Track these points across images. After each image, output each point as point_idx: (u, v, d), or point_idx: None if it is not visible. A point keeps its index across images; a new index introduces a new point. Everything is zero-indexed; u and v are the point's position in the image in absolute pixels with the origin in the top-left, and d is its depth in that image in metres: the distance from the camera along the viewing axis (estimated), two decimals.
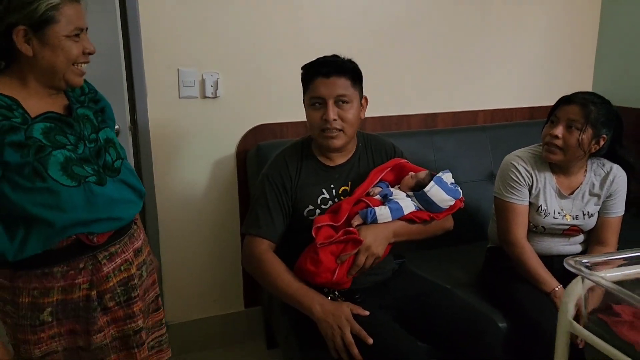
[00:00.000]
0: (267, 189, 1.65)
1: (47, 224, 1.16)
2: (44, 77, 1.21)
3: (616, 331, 0.99)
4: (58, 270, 1.21)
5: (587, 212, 1.86)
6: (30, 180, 1.14)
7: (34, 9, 1.13)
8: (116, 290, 1.29)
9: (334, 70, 1.59)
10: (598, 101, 1.76)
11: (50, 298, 1.21)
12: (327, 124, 1.58)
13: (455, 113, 2.64)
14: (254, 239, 1.62)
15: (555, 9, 2.71)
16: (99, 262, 1.26)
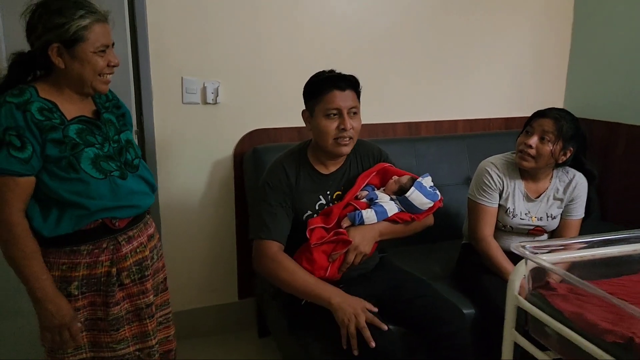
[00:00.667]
0: (270, 195, 1.75)
1: (80, 208, 1.35)
2: (75, 86, 1.38)
3: (552, 302, 1.18)
4: (85, 249, 1.39)
5: (550, 214, 2.05)
6: (66, 171, 1.33)
7: (66, 29, 1.30)
8: (132, 269, 1.47)
9: (347, 84, 1.73)
10: (569, 118, 1.95)
11: (77, 272, 1.39)
12: (343, 133, 1.71)
13: (437, 122, 2.83)
14: (264, 242, 1.71)
15: (530, 28, 2.91)
16: (119, 243, 1.44)
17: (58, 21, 1.30)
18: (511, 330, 1.30)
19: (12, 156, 1.27)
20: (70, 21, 1.31)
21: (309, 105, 1.79)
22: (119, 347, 1.46)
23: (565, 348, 1.16)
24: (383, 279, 1.87)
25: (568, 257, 1.28)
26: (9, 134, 1.27)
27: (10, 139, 1.27)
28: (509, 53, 2.91)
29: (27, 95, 1.31)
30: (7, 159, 1.27)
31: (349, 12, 2.54)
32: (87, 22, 1.33)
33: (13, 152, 1.27)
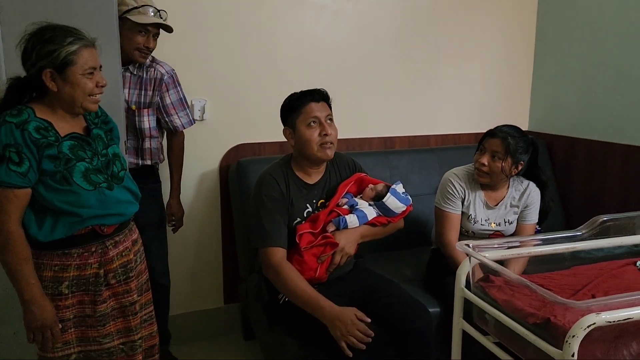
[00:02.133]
0: (267, 203, 1.87)
1: (73, 215, 1.49)
2: (67, 106, 1.51)
3: (489, 293, 1.37)
4: (75, 252, 1.53)
5: (508, 220, 2.23)
6: (60, 183, 1.47)
7: (57, 55, 1.43)
8: (118, 270, 1.61)
9: (320, 97, 1.92)
10: (516, 134, 2.13)
11: (68, 273, 1.52)
12: (325, 138, 1.88)
13: (410, 137, 3.03)
14: (269, 249, 1.84)
15: (495, 50, 3.13)
16: (107, 247, 1.58)
17: (49, 48, 1.43)
18: (459, 319, 1.49)
19: (11, 170, 1.40)
20: (60, 47, 1.43)
21: (289, 122, 1.95)
22: (105, 341, 1.60)
23: (500, 331, 1.35)
24: (357, 280, 2.03)
25: (508, 255, 1.47)
26: (9, 150, 1.40)
27: (9, 155, 1.40)
28: (477, 74, 3.12)
29: (25, 115, 1.44)
30: (6, 173, 1.40)
31: (327, 35, 2.75)
32: (75, 47, 1.45)
33: (12, 166, 1.40)
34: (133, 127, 2.21)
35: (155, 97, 2.21)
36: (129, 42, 2.09)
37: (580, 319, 1.10)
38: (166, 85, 2.23)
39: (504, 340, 1.36)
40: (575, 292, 1.36)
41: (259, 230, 1.88)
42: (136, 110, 2.19)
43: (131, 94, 2.19)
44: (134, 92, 2.19)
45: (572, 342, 1.10)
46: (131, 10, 2.06)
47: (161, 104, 2.24)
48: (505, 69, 3.18)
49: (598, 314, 1.10)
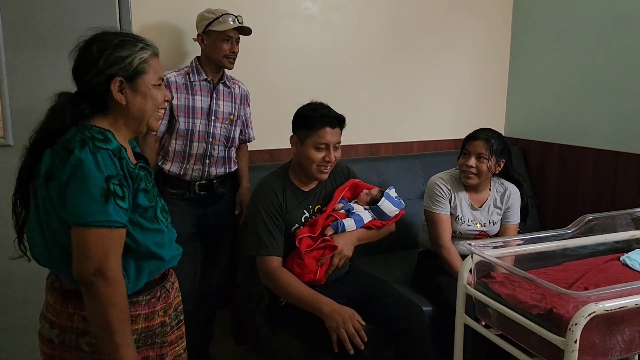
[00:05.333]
0: (265, 215, 1.93)
1: (158, 259, 1.28)
2: (134, 123, 1.28)
3: (492, 287, 1.47)
4: (143, 300, 1.27)
5: (492, 220, 2.35)
6: (150, 221, 1.25)
7: (129, 62, 1.23)
8: (172, 315, 1.38)
9: (337, 123, 1.96)
10: (495, 136, 2.27)
11: (137, 325, 1.26)
12: (326, 163, 1.95)
13: (394, 143, 3.15)
14: (265, 258, 1.91)
15: (473, 61, 3.28)
16: (167, 290, 1.35)
17: (121, 54, 1.23)
18: (461, 314, 1.59)
19: (119, 207, 1.16)
20: (134, 54, 1.25)
21: (299, 134, 1.97)
22: None
23: (503, 323, 1.45)
24: (353, 282, 2.11)
25: (506, 252, 1.58)
26: (113, 183, 1.15)
27: (114, 189, 1.15)
28: (456, 83, 3.27)
29: (114, 141, 1.21)
30: (115, 210, 1.15)
31: (316, 45, 2.85)
32: (147, 54, 1.27)
33: (119, 202, 1.16)
34: (225, 137, 2.35)
35: (242, 110, 2.41)
36: (217, 51, 2.23)
37: (582, 308, 1.21)
38: (248, 101, 2.46)
39: (507, 332, 1.46)
40: (569, 285, 1.48)
41: (255, 239, 1.94)
42: (233, 121, 2.35)
43: (225, 105, 2.32)
44: (227, 104, 2.33)
45: (574, 330, 1.20)
46: (213, 22, 2.19)
47: (244, 117, 2.45)
48: (482, 78, 3.34)
49: (597, 303, 1.21)
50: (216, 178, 2.34)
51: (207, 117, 2.27)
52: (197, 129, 2.25)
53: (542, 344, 1.31)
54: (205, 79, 2.27)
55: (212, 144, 2.29)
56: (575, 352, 1.21)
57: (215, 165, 2.32)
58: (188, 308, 2.25)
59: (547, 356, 1.33)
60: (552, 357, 1.30)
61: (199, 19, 2.24)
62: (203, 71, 2.26)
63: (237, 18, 2.24)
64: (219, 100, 2.30)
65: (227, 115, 2.33)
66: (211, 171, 2.31)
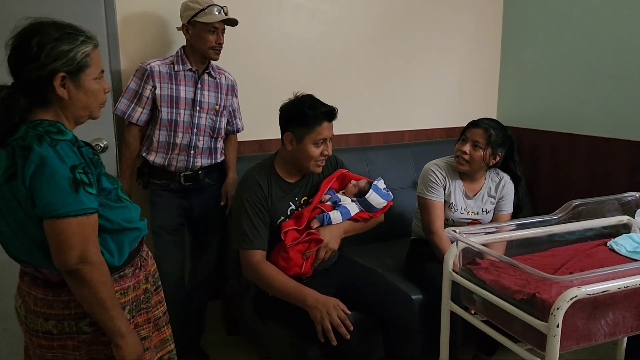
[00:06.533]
0: (248, 208, 1.91)
1: (134, 230, 1.34)
2: (76, 116, 1.29)
3: (477, 274, 1.46)
4: (129, 272, 1.34)
5: (485, 209, 2.34)
6: (115, 201, 1.30)
7: (72, 57, 1.22)
8: (152, 281, 1.45)
9: (333, 117, 1.95)
10: (497, 127, 2.25)
11: (128, 297, 1.33)
12: (324, 157, 1.96)
13: (385, 133, 3.13)
14: (248, 252, 1.90)
15: (465, 49, 3.26)
16: (145, 258, 1.43)
17: (63, 48, 1.21)
18: (447, 301, 1.58)
19: (89, 193, 1.19)
20: (76, 47, 1.23)
21: (296, 132, 1.93)
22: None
23: (487, 309, 1.45)
24: (342, 272, 2.10)
25: (491, 239, 1.57)
26: (78, 172, 1.18)
27: (81, 177, 1.18)
28: (448, 71, 3.25)
29: (69, 132, 1.23)
30: (87, 197, 1.18)
31: (304, 34, 2.82)
32: (89, 48, 1.26)
33: (88, 189, 1.19)
34: (211, 128, 2.34)
35: (228, 101, 2.39)
36: (202, 43, 2.21)
37: (564, 292, 1.20)
38: (235, 92, 2.45)
39: (491, 318, 1.45)
40: (554, 270, 1.47)
41: (239, 232, 1.93)
42: (218, 112, 2.34)
43: (210, 95, 2.31)
44: (212, 94, 2.32)
45: (556, 314, 1.20)
46: (198, 13, 2.17)
47: (231, 108, 2.43)
48: (474, 66, 3.31)
49: (579, 288, 1.20)
50: (202, 169, 2.33)
51: (192, 107, 2.25)
52: (181, 120, 2.23)
53: (526, 330, 1.31)
54: (190, 69, 2.25)
55: (197, 135, 2.27)
56: (557, 337, 1.20)
57: (200, 156, 2.31)
58: (178, 299, 2.29)
59: (531, 341, 1.32)
60: (536, 342, 1.29)
61: (183, 8, 2.21)
62: (188, 61, 2.24)
63: (223, 9, 2.21)
64: (203, 90, 2.28)
65: (213, 105, 2.31)
66: (196, 162, 2.29)
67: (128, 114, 2.22)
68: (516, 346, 1.36)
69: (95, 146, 2.33)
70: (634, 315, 1.37)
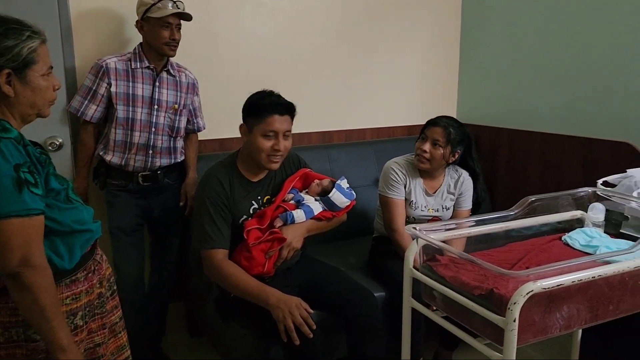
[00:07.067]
0: (210, 207, 1.88)
1: (86, 232, 1.31)
2: (24, 114, 1.25)
3: (436, 270, 1.48)
4: (82, 276, 1.31)
5: (445, 206, 2.38)
6: (65, 202, 1.27)
7: (17, 52, 1.17)
8: (107, 285, 1.42)
9: (286, 110, 1.92)
10: (455, 125, 2.29)
11: (80, 302, 1.30)
12: (276, 152, 1.91)
13: (347, 131, 3.14)
14: (210, 251, 1.87)
15: (425, 48, 3.30)
16: (99, 262, 1.39)
17: (7, 44, 1.17)
18: (408, 298, 1.59)
19: (34, 194, 1.15)
20: (21, 43, 1.19)
21: (248, 122, 1.94)
22: None
23: (447, 305, 1.46)
24: (304, 271, 2.09)
25: (450, 236, 1.59)
26: (22, 171, 1.14)
27: (25, 177, 1.14)
28: (409, 69, 3.28)
29: (14, 130, 1.19)
30: (31, 198, 1.14)
31: (265, 31, 2.80)
32: (36, 43, 1.21)
33: (33, 189, 1.15)
34: (169, 127, 2.28)
35: (188, 99, 2.35)
36: (157, 38, 2.15)
37: (520, 287, 1.22)
38: (196, 90, 2.41)
39: (451, 314, 1.47)
40: (512, 265, 1.50)
41: (200, 232, 1.90)
42: (177, 111, 2.29)
43: (169, 94, 2.25)
44: (171, 92, 2.26)
45: (513, 309, 1.22)
46: (150, 7, 2.11)
47: (191, 107, 2.39)
48: (434, 65, 3.36)
49: (535, 282, 1.23)
50: (161, 169, 2.28)
51: (150, 106, 2.20)
52: (139, 118, 2.18)
53: (485, 325, 1.33)
54: (147, 67, 2.20)
55: (155, 134, 2.22)
56: (514, 331, 1.23)
57: (159, 155, 2.26)
58: (138, 301, 2.24)
59: (490, 336, 1.34)
60: (495, 337, 1.31)
61: (138, 4, 2.16)
62: (145, 58, 2.19)
63: (176, 3, 2.16)
64: (162, 88, 2.23)
65: (171, 104, 2.26)
66: (155, 162, 2.25)
67: (82, 111, 2.16)
68: (475, 341, 1.38)
69: (50, 144, 2.26)
70: (587, 308, 1.41)
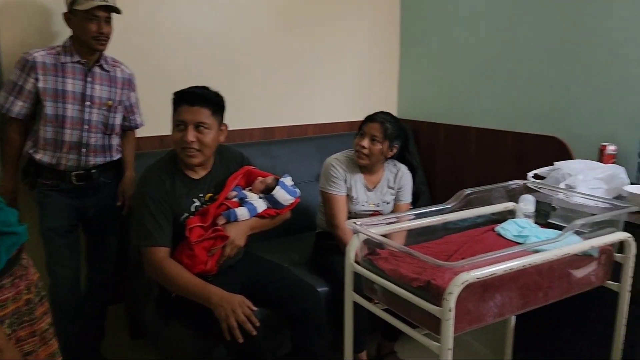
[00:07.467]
0: (150, 203, 1.84)
1: (12, 235, 1.25)
2: None
3: (377, 264, 1.51)
4: (8, 282, 1.25)
5: (385, 200, 2.42)
6: None
7: None
8: (35, 291, 1.35)
9: (198, 100, 1.86)
10: (392, 120, 2.33)
11: (8, 309, 1.24)
12: (186, 144, 1.85)
13: (289, 127, 3.14)
14: (150, 249, 1.83)
15: (366, 43, 3.34)
16: (25, 267, 1.33)
17: None
18: (350, 292, 1.61)
19: None
20: None
21: None
22: None
23: (388, 298, 1.49)
24: (248, 268, 2.09)
25: (390, 229, 1.63)
26: None
27: None
28: (350, 66, 3.32)
29: None
30: None
31: (205, 25, 2.76)
32: None
33: None
34: (103, 124, 2.19)
35: (124, 95, 2.27)
36: (84, 32, 2.05)
37: (455, 278, 1.27)
38: (132, 86, 2.32)
39: (391, 306, 1.50)
40: (448, 257, 1.55)
41: (140, 229, 1.86)
42: (111, 107, 2.21)
43: (102, 90, 2.16)
44: (104, 88, 2.17)
45: (449, 299, 1.26)
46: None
47: (128, 103, 2.31)
48: (374, 61, 3.41)
49: (469, 272, 1.28)
50: (95, 167, 2.20)
51: (81, 102, 2.12)
52: (69, 115, 2.09)
53: (423, 315, 1.36)
54: (78, 61, 2.11)
55: (88, 132, 2.14)
56: (450, 320, 1.27)
57: (93, 154, 2.18)
58: (75, 305, 2.16)
59: (429, 327, 1.38)
60: (433, 327, 1.35)
61: None
62: (76, 53, 2.10)
63: None
64: (94, 84, 2.15)
65: (105, 100, 2.18)
66: (89, 160, 2.17)
67: (7, 107, 2.05)
68: (414, 332, 1.42)
69: None
70: (519, 296, 1.48)
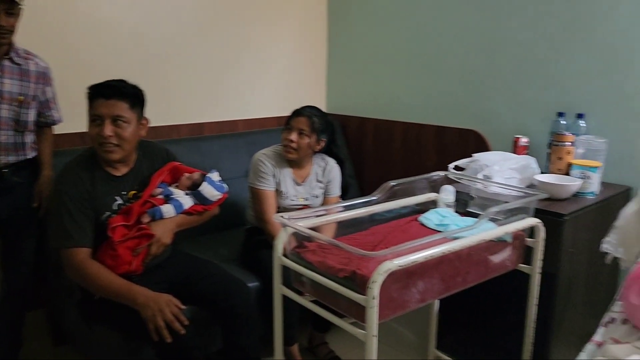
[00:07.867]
0: (68, 202, 1.77)
1: None
2: None
3: (304, 257, 1.53)
4: None
5: (314, 194, 2.45)
6: None
7: None
8: None
9: (114, 93, 1.80)
10: (318, 114, 2.37)
11: None
12: (103, 139, 1.78)
13: (219, 122, 3.10)
14: (70, 250, 1.76)
15: (293, 39, 3.36)
16: None
17: None
18: (279, 285, 1.63)
19: None
20: None
21: None
22: None
23: (316, 289, 1.52)
24: (176, 266, 2.05)
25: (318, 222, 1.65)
26: None
27: None
28: (278, 61, 3.32)
29: None
30: None
31: (126, 18, 2.67)
32: None
33: None
34: (14, 121, 2.05)
35: (38, 90, 2.15)
36: None
37: (378, 266, 1.31)
38: (48, 80, 2.20)
39: (320, 297, 1.53)
40: (374, 247, 1.59)
41: (59, 230, 1.79)
42: (23, 102, 2.09)
43: (13, 84, 2.02)
44: (15, 82, 2.03)
45: (372, 287, 1.30)
46: None
47: (43, 98, 2.19)
48: (302, 56, 3.43)
49: (392, 261, 1.32)
50: (7, 167, 2.08)
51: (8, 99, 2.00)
52: None
53: (350, 305, 1.40)
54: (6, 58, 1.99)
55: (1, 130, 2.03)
56: (375, 308, 1.31)
57: (4, 152, 2.06)
58: None
59: (356, 315, 1.42)
60: (359, 315, 1.39)
61: None
62: None
63: None
64: (3, 78, 2.02)
65: (16, 95, 2.06)
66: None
67: None
68: (342, 321, 1.45)
69: None
70: (440, 281, 1.55)
